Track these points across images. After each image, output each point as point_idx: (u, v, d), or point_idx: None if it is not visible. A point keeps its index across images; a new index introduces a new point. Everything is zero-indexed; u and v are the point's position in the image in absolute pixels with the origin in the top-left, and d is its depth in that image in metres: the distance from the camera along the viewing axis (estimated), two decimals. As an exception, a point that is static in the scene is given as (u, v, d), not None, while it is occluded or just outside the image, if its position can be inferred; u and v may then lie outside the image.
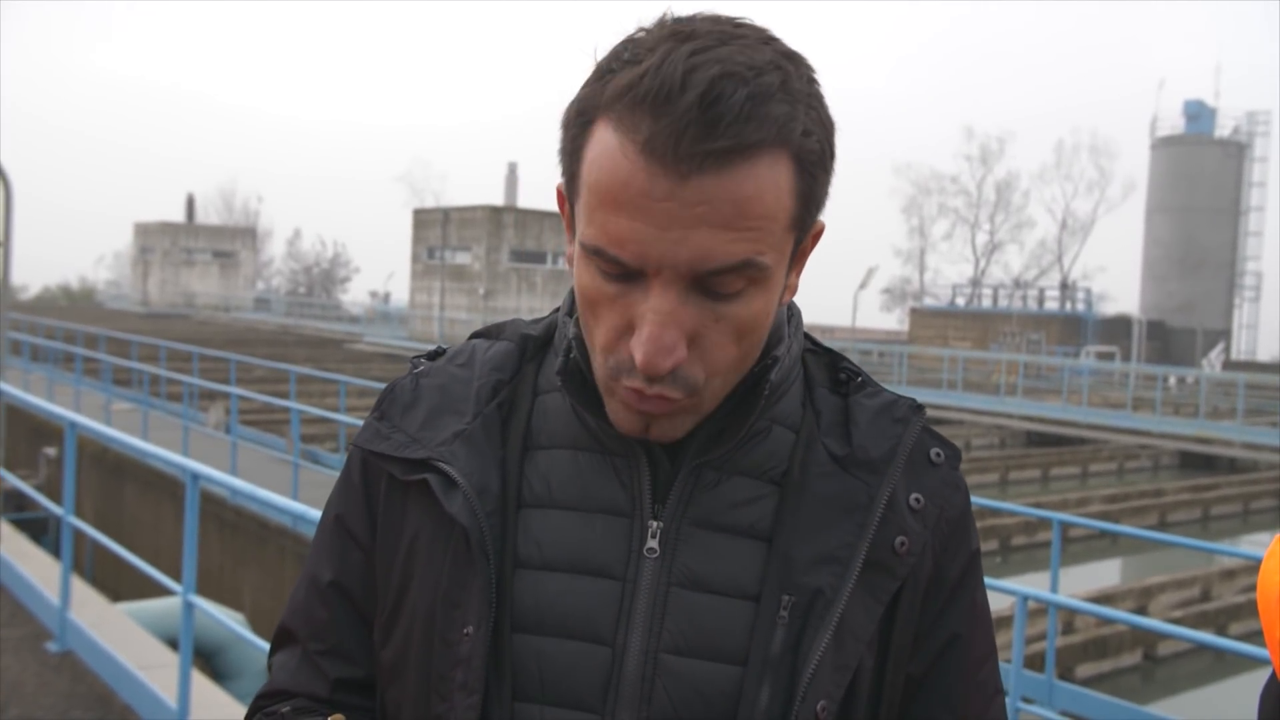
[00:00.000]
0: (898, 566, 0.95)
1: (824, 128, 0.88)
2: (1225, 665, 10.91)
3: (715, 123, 0.81)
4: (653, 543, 0.95)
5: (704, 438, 0.96)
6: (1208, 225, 46.97)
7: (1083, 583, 12.47)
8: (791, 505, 0.96)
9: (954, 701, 0.99)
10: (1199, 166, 46.99)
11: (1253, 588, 13.26)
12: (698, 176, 0.82)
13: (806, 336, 1.06)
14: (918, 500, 0.97)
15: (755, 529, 0.95)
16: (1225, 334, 47.17)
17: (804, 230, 0.91)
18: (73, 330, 25.27)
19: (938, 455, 1.00)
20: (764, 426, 0.98)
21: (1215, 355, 41.89)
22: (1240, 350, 49.89)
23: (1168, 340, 44.95)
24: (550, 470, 0.98)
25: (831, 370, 1.04)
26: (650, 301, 0.86)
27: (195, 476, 4.71)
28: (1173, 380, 32.19)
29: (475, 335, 1.10)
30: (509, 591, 0.95)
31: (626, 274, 0.87)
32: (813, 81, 0.88)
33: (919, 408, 1.02)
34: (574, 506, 0.97)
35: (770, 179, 0.84)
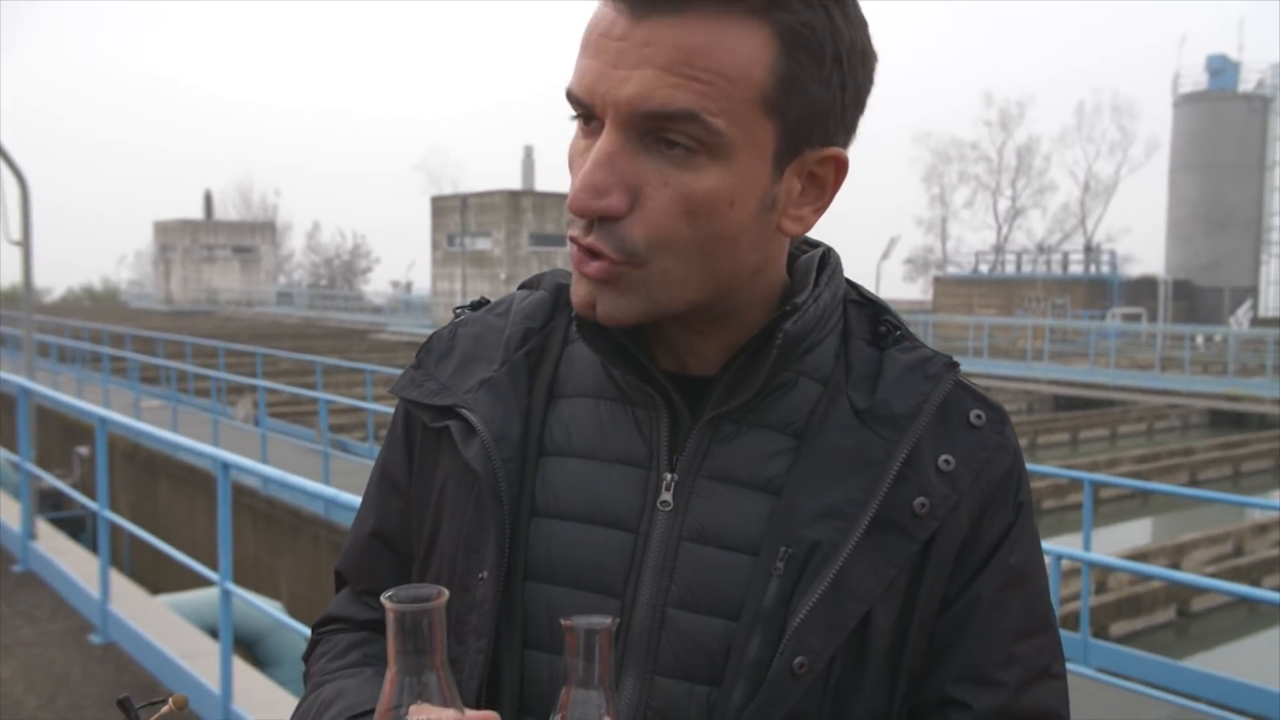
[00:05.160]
0: (916, 529, 0.90)
1: (836, 28, 0.85)
2: (1259, 619, 10.85)
3: None
4: (666, 495, 0.93)
5: (723, 389, 0.94)
6: (1232, 182, 46.31)
7: (1115, 543, 12.41)
8: (805, 458, 0.92)
9: (975, 672, 0.92)
10: (1223, 123, 46.28)
11: (1285, 542, 13.11)
12: (653, 18, 0.82)
13: (854, 286, 1.02)
14: (947, 462, 0.92)
15: (772, 483, 0.93)
16: (1252, 291, 46.59)
17: (787, 122, 0.85)
18: (99, 330, 25.51)
19: (978, 417, 0.95)
20: (790, 379, 0.95)
21: (1243, 312, 41.41)
22: (1269, 307, 49.29)
23: (1194, 300, 44.43)
24: (572, 419, 0.98)
25: (873, 323, 0.99)
26: (596, 143, 0.85)
27: (226, 466, 4.78)
28: (1200, 339, 31.87)
29: (521, 286, 1.10)
30: (523, 539, 0.95)
31: (590, 121, 0.87)
32: None
33: (953, 365, 0.96)
34: (592, 456, 0.96)
35: (731, 39, 0.82)
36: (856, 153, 0.93)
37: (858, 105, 0.90)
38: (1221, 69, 47.25)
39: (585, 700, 0.79)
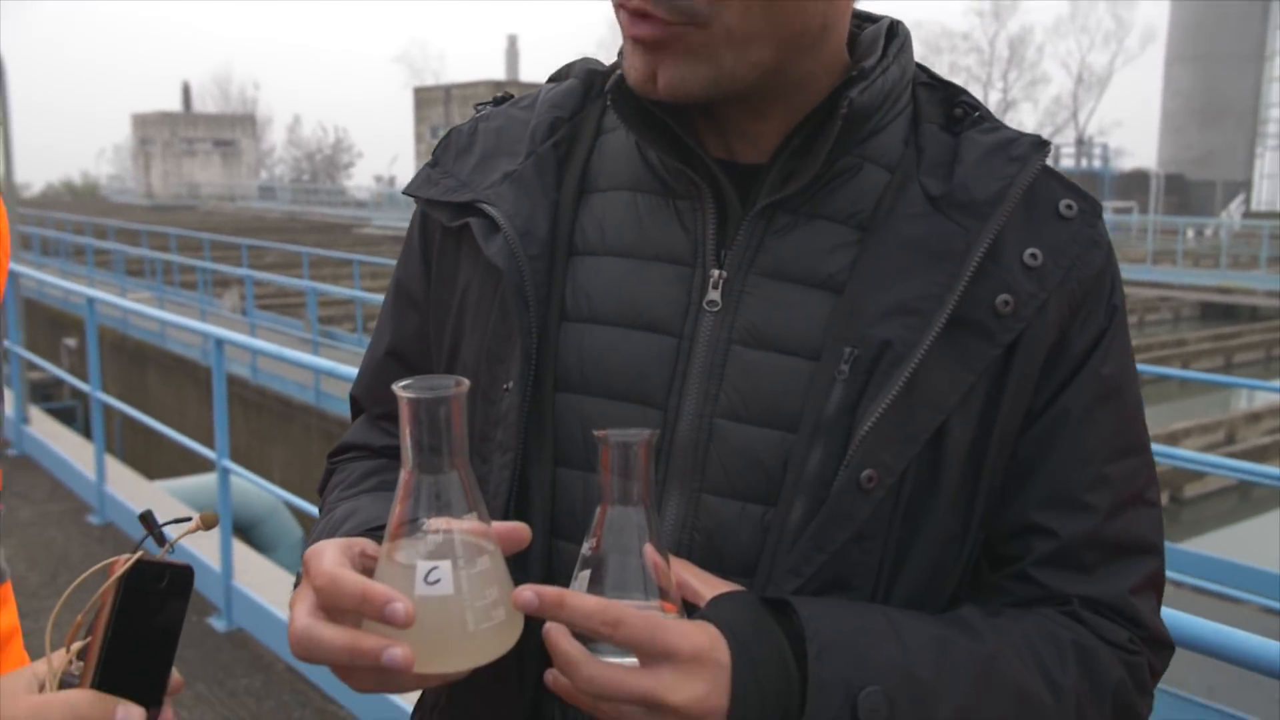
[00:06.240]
0: (998, 330, 0.80)
1: None
2: (1250, 505, 11.03)
3: None
4: (714, 294, 0.84)
5: (778, 173, 0.83)
6: (1229, 73, 45.75)
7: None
8: (871, 250, 0.82)
9: (1062, 494, 0.83)
10: (1221, 11, 45.48)
11: (1277, 430, 13.24)
12: None
13: (923, 69, 0.91)
14: (1034, 256, 0.81)
15: (834, 280, 0.82)
16: (1245, 185, 46.40)
17: None
18: (81, 223, 25.13)
19: (1069, 208, 0.84)
20: (854, 163, 0.84)
21: (1235, 206, 41.29)
22: (1261, 201, 49.18)
23: (1186, 193, 44.22)
24: (605, 214, 0.88)
25: (947, 106, 0.88)
26: None
27: (220, 343, 4.67)
28: (1191, 233, 31.80)
29: (549, 79, 0.99)
30: (552, 345, 0.86)
31: None
32: None
33: (1042, 144, 0.84)
34: (629, 254, 0.87)
35: None
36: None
37: None
38: (1223, -45, 46.24)
39: (623, 519, 0.73)
